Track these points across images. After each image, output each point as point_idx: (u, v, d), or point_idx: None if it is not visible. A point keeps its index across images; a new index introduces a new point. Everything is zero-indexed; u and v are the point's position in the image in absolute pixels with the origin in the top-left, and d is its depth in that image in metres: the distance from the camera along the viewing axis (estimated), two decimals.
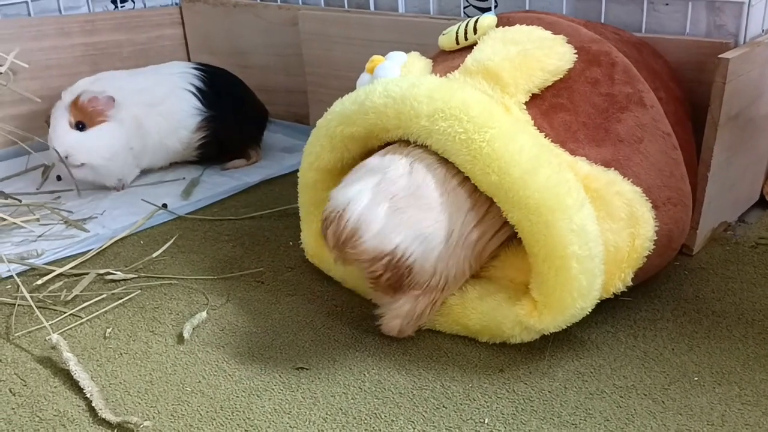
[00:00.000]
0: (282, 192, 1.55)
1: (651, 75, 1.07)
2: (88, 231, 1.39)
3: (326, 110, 1.08)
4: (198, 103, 1.61)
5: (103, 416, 0.90)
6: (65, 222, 1.42)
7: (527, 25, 1.06)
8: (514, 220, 0.92)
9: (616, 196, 0.94)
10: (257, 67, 1.92)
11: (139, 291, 1.19)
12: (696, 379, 0.94)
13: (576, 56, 1.03)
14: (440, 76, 1.04)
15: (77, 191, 1.54)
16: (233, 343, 1.05)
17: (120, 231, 1.38)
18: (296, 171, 1.17)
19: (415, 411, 0.90)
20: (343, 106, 1.05)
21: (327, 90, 1.75)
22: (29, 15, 1.83)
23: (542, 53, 1.01)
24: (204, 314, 1.10)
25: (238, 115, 1.66)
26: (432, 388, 0.94)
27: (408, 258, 0.92)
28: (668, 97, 1.07)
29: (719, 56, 1.12)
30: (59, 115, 1.49)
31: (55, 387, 0.98)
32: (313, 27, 1.73)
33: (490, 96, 0.99)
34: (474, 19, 1.10)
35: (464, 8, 1.52)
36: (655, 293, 1.12)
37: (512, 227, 0.94)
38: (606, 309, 1.04)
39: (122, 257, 1.30)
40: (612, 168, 0.97)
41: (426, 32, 1.45)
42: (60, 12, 1.88)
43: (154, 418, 0.91)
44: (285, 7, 1.82)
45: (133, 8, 2.01)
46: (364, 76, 1.13)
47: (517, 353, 1.00)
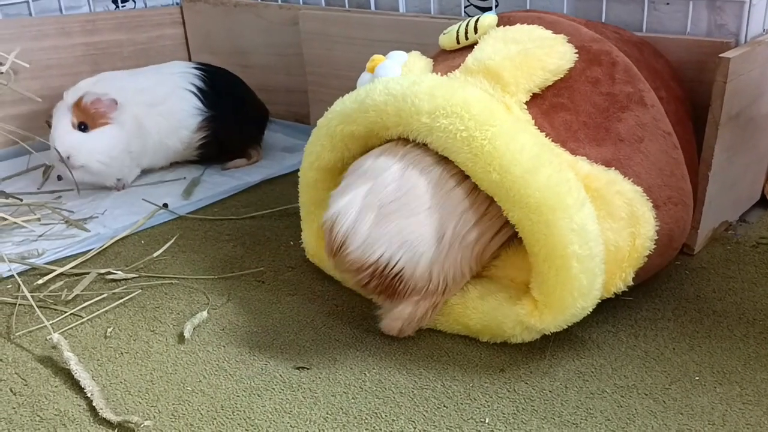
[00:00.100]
0: (282, 191, 1.55)
1: (652, 74, 1.07)
2: (89, 230, 1.39)
3: (327, 110, 1.08)
4: (199, 103, 1.61)
5: (104, 416, 0.90)
6: (66, 221, 1.42)
7: (528, 24, 1.06)
8: (515, 220, 0.92)
9: (617, 196, 0.94)
10: (258, 67, 1.92)
11: (140, 290, 1.19)
12: (697, 378, 0.94)
13: (577, 55, 1.03)
14: (441, 75, 1.04)
15: (77, 191, 1.54)
16: (234, 342, 1.05)
17: (121, 230, 1.38)
18: (297, 170, 1.17)
19: (415, 410, 0.90)
20: (343, 105, 1.05)
21: (327, 90, 1.75)
22: (30, 15, 1.83)
23: (543, 52, 1.01)
24: (205, 314, 1.10)
25: (239, 114, 1.66)
26: (433, 387, 0.94)
27: (394, 266, 0.93)
28: (669, 96, 1.07)
29: (720, 55, 1.12)
30: (61, 115, 1.49)
31: (55, 386, 0.98)
32: (314, 27, 1.73)
33: (491, 95, 0.98)
34: (474, 18, 1.10)
35: (465, 8, 1.52)
36: (656, 293, 1.12)
37: (513, 227, 0.94)
38: (607, 308, 1.04)
39: (123, 257, 1.30)
40: (612, 167, 0.96)
41: (427, 32, 1.45)
42: (61, 12, 1.88)
43: (154, 417, 0.91)
44: (286, 6, 1.82)
45: (134, 8, 2.01)
46: (365, 76, 1.13)
47: (518, 353, 1.00)
